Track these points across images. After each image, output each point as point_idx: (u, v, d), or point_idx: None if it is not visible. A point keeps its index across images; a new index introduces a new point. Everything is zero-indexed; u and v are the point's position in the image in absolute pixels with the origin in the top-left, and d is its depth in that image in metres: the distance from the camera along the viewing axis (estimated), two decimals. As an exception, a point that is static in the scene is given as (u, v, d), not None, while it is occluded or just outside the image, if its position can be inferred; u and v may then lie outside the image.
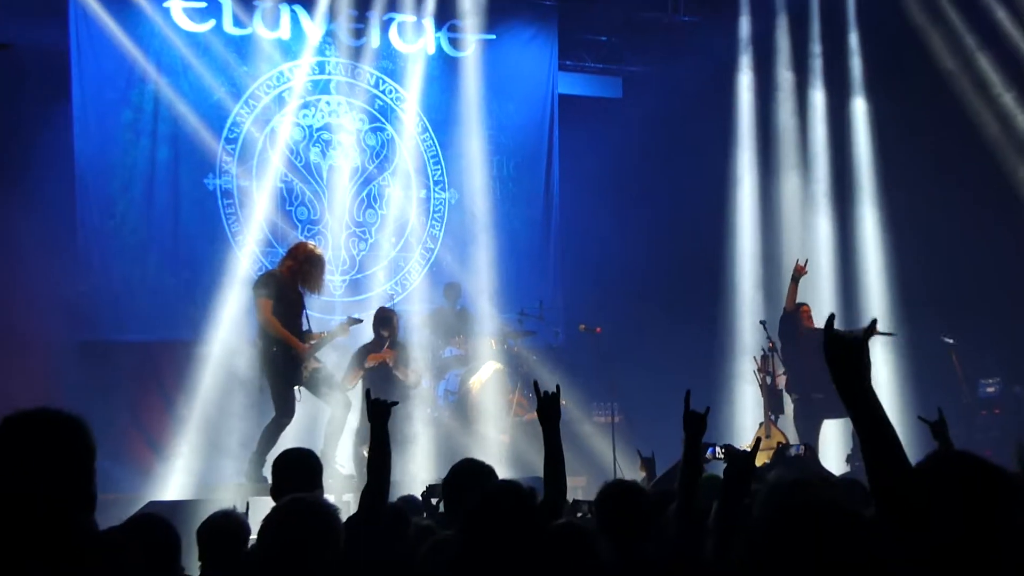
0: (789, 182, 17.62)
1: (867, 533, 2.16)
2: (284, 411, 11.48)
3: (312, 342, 11.69)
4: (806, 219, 17.53)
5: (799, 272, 14.82)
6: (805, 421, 14.07)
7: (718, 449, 9.71)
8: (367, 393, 6.19)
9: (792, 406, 14.45)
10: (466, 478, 5.81)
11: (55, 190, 14.60)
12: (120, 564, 3.41)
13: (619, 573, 5.08)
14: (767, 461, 10.75)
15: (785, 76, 17.67)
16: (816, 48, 17.65)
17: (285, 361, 11.48)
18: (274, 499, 5.66)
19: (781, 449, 11.49)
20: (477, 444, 13.26)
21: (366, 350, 13.16)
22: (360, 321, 12.69)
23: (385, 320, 13.32)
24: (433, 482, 7.62)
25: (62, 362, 13.94)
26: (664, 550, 5.54)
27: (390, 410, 5.92)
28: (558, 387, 6.04)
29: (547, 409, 5.91)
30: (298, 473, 6.06)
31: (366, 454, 6.14)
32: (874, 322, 3.71)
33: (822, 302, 16.67)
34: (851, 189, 17.58)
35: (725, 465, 5.33)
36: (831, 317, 3.55)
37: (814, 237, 17.46)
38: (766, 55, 17.69)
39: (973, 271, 16.26)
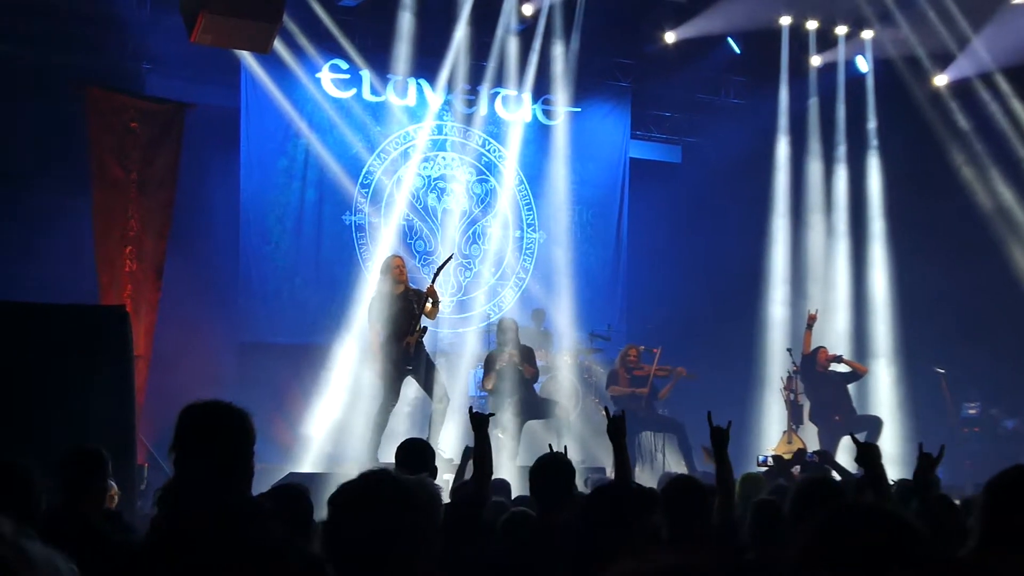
0: (815, 234, 17.51)
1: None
2: (390, 398, 11.67)
3: (419, 329, 11.74)
4: (827, 265, 17.44)
5: (811, 320, 14.81)
6: (828, 441, 13.92)
7: (769, 458, 9.71)
8: (470, 409, 6.22)
9: (816, 429, 14.36)
10: (550, 469, 5.73)
11: (223, 222, 14.78)
12: (267, 522, 3.41)
13: (677, 546, 5.04)
14: (789, 458, 10.71)
15: (814, 147, 17.58)
16: (840, 124, 17.56)
17: (391, 360, 11.62)
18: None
19: (800, 451, 11.42)
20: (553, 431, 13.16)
21: (494, 356, 13.11)
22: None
23: (506, 329, 13.28)
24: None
25: (225, 357, 14.08)
26: (708, 532, 5.49)
27: (488, 420, 5.97)
28: (623, 412, 6.03)
29: (614, 427, 5.90)
30: (416, 457, 6.07)
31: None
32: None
33: (838, 335, 16.56)
34: (864, 239, 17.49)
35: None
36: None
37: (833, 279, 17.37)
38: (799, 130, 17.60)
39: (961, 312, 16.18)
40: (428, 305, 11.83)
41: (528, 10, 15.85)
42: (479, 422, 5.93)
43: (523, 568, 5.04)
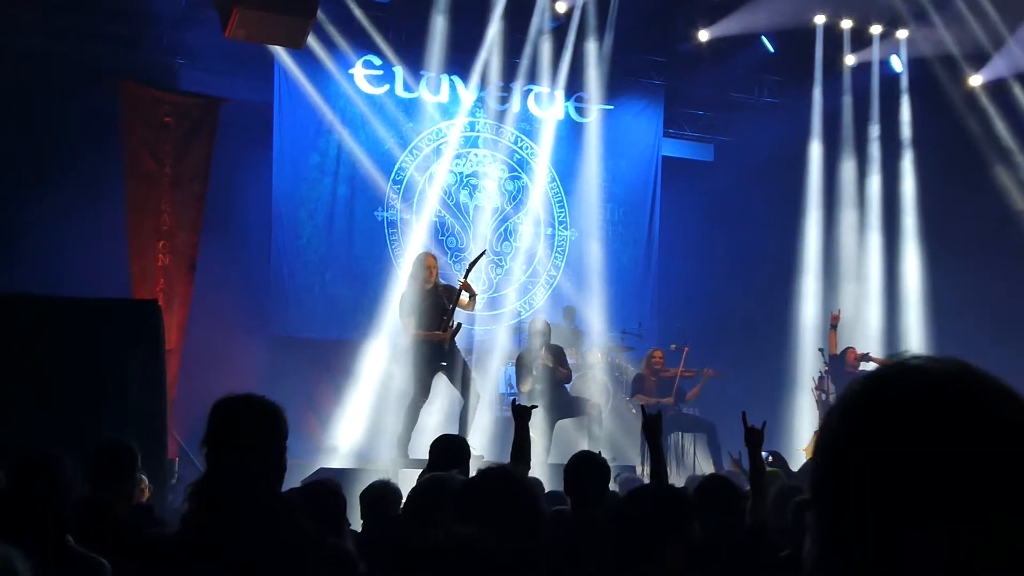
0: (847, 233, 17.40)
1: None
2: (422, 393, 11.57)
3: (451, 326, 11.68)
4: (860, 265, 17.33)
5: (835, 320, 14.76)
6: None
7: (769, 456, 9.65)
8: (513, 402, 6.18)
9: None
10: (586, 467, 5.67)
11: (255, 216, 14.77)
12: (298, 518, 3.36)
13: (710, 547, 4.98)
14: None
15: (847, 146, 17.46)
16: (874, 123, 17.44)
17: (424, 356, 11.55)
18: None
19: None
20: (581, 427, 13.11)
21: (527, 358, 12.97)
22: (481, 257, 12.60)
23: (539, 331, 13.12)
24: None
25: (257, 352, 14.07)
26: (740, 532, 5.44)
27: (530, 413, 5.93)
28: (659, 412, 5.98)
29: (650, 426, 5.84)
30: (450, 453, 6.03)
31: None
32: None
33: (870, 334, 16.44)
34: (897, 238, 17.36)
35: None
36: None
37: (865, 278, 17.26)
38: (832, 130, 17.51)
39: (994, 312, 16.01)
40: (465, 298, 11.78)
41: (561, 7, 15.80)
42: (521, 414, 5.89)
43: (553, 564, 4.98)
